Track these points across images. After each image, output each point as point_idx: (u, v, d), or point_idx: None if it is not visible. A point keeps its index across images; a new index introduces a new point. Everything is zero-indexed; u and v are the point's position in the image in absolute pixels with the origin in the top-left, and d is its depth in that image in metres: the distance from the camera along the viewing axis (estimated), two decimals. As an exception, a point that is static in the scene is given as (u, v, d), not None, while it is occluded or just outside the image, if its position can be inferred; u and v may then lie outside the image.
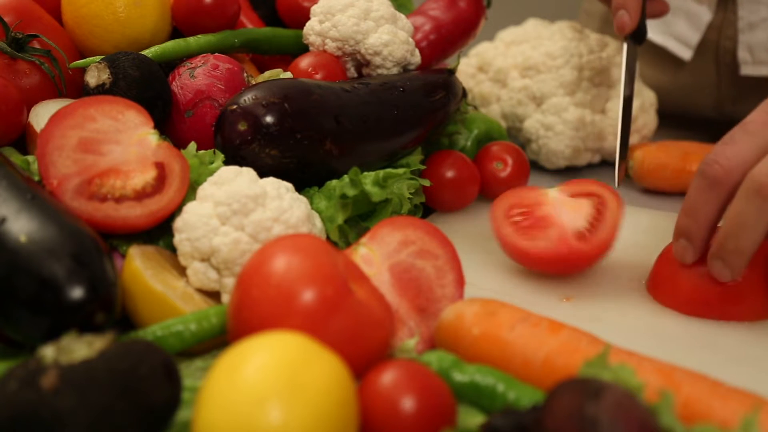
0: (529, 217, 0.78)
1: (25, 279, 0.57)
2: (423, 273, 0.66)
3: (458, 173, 0.90)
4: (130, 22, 0.84)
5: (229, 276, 0.66)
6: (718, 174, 0.67)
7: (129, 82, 0.77)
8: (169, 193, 0.69)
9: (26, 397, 0.47)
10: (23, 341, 0.58)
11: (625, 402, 0.45)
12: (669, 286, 0.73)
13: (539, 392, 0.55)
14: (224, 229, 0.66)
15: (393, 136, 0.84)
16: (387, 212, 0.80)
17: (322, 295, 0.55)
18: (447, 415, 0.52)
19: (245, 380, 0.47)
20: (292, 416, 0.46)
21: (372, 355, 0.56)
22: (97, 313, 0.58)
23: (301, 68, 0.85)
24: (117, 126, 0.72)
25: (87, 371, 0.48)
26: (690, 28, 1.15)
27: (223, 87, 0.80)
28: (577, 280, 0.78)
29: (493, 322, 0.60)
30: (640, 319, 0.72)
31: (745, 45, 1.11)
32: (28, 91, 0.79)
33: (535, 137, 1.05)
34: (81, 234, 0.61)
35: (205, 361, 0.63)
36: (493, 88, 1.09)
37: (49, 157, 0.68)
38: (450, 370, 0.57)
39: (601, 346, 0.58)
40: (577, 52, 1.05)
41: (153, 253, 0.68)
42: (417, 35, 0.95)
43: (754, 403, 0.53)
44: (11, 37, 0.79)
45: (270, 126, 0.74)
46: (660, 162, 0.99)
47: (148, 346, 0.52)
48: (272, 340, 0.50)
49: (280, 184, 0.69)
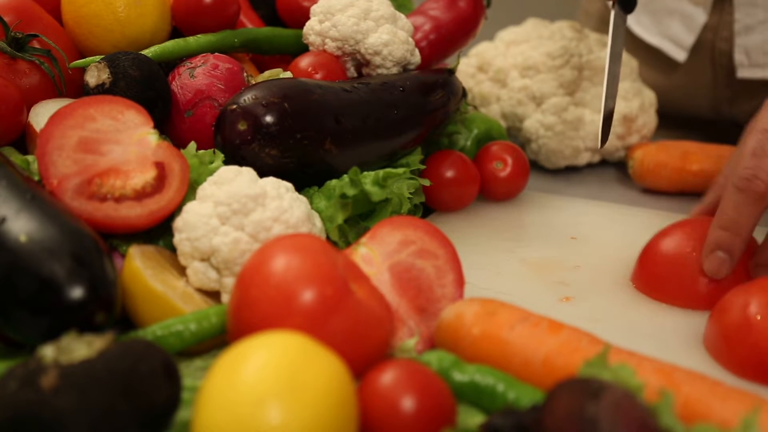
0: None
1: (25, 279, 0.57)
2: (423, 273, 0.66)
3: (458, 173, 0.90)
4: (130, 22, 0.84)
5: (229, 276, 0.66)
6: (761, 190, 0.69)
7: (129, 82, 0.77)
8: (169, 193, 0.69)
9: (26, 397, 0.47)
10: (23, 341, 0.58)
11: (625, 402, 0.45)
12: (661, 281, 0.74)
13: (539, 392, 0.55)
14: (224, 229, 0.66)
15: (393, 136, 0.84)
16: (387, 212, 0.80)
17: (322, 295, 0.55)
18: (447, 415, 0.52)
19: (245, 380, 0.47)
20: (291, 416, 0.46)
21: (372, 355, 0.56)
22: (97, 313, 0.58)
23: (301, 68, 0.85)
24: (117, 126, 0.72)
25: (87, 371, 0.48)
26: (685, 29, 1.15)
27: (223, 87, 0.80)
28: (577, 280, 0.78)
29: (493, 322, 0.60)
30: (640, 318, 0.72)
31: (741, 48, 1.11)
32: (28, 91, 0.79)
33: (535, 137, 1.05)
34: (81, 234, 0.61)
35: (205, 361, 0.63)
36: (493, 88, 1.09)
37: (49, 156, 0.68)
38: (450, 370, 0.57)
39: (601, 346, 0.58)
40: (577, 52, 1.05)
41: (153, 253, 0.68)
42: (417, 35, 0.95)
43: (754, 403, 0.53)
44: (11, 37, 0.79)
45: (270, 126, 0.74)
46: (659, 162, 0.99)
47: (148, 346, 0.52)
48: (272, 340, 0.50)
49: (280, 184, 0.69)
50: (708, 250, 0.71)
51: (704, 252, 0.72)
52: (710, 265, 0.71)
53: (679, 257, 0.73)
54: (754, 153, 0.69)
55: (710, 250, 0.71)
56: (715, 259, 0.71)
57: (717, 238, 0.71)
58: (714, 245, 0.71)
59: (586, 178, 1.07)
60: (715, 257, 0.71)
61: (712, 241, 0.71)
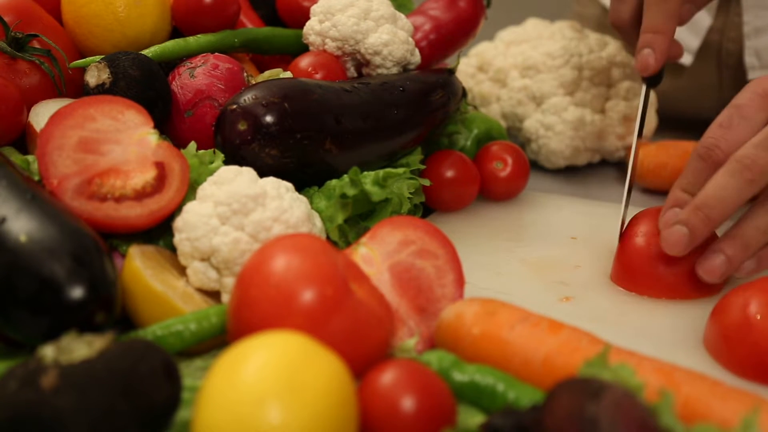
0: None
1: (25, 279, 0.57)
2: (423, 273, 0.66)
3: (458, 173, 0.90)
4: (130, 22, 0.84)
5: (229, 276, 0.66)
6: (720, 158, 0.70)
7: (129, 82, 0.77)
8: (169, 193, 0.69)
9: (26, 397, 0.47)
10: (23, 341, 0.58)
11: (625, 402, 0.45)
12: (636, 274, 0.75)
13: (539, 392, 0.55)
14: (224, 229, 0.66)
15: (393, 136, 0.84)
16: (387, 212, 0.80)
17: (322, 295, 0.55)
18: (447, 415, 0.52)
19: (245, 380, 0.47)
20: (291, 416, 0.46)
21: (372, 355, 0.56)
22: (97, 313, 0.58)
23: (301, 68, 0.85)
24: (117, 126, 0.72)
25: (87, 371, 0.48)
26: (690, 34, 1.15)
27: (223, 87, 0.80)
28: (577, 280, 0.78)
29: (493, 322, 0.60)
30: (640, 318, 0.72)
31: (752, 50, 1.11)
32: (28, 91, 0.79)
33: (535, 137, 1.05)
34: (81, 234, 0.61)
35: (205, 360, 0.63)
36: (493, 88, 1.09)
37: (49, 156, 0.68)
38: (450, 370, 0.57)
39: (601, 346, 0.58)
40: (577, 52, 1.05)
41: (153, 253, 0.68)
42: (417, 35, 0.95)
43: (754, 403, 0.53)
44: (11, 37, 0.79)
45: (270, 126, 0.74)
46: (660, 162, 0.99)
47: (148, 346, 0.52)
48: (272, 339, 0.50)
49: (280, 184, 0.69)
50: (665, 207, 0.72)
51: (662, 211, 0.73)
52: (665, 219, 0.72)
53: (641, 248, 0.75)
54: (721, 124, 0.71)
55: (667, 207, 0.72)
56: (670, 215, 0.71)
57: (674, 196, 0.72)
58: (671, 202, 0.72)
59: (586, 178, 1.07)
60: (671, 212, 0.72)
61: (670, 200, 0.72)
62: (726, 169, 0.68)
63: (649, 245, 0.74)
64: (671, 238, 0.70)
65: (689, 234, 0.69)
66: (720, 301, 0.67)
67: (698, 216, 0.69)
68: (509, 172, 0.94)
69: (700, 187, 0.70)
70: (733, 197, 0.68)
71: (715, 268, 0.70)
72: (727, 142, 0.70)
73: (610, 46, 1.08)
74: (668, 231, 0.70)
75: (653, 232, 0.75)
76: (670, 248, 0.71)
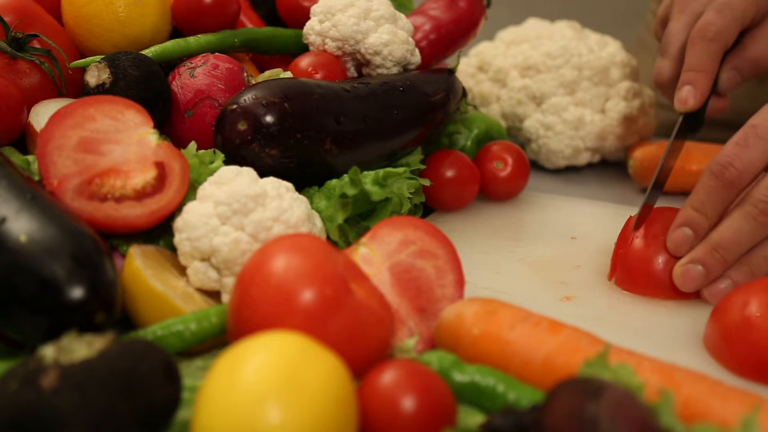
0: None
1: (25, 279, 0.57)
2: (423, 273, 0.66)
3: (458, 173, 0.90)
4: (130, 22, 0.84)
5: (229, 276, 0.66)
6: (734, 178, 0.71)
7: (129, 82, 0.77)
8: (169, 193, 0.69)
9: (26, 397, 0.47)
10: (23, 341, 0.58)
11: (625, 402, 0.45)
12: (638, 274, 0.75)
13: (539, 392, 0.55)
14: (224, 229, 0.66)
15: (393, 136, 0.84)
16: (387, 212, 0.80)
17: (322, 295, 0.55)
18: (447, 415, 0.52)
19: (245, 380, 0.47)
20: (291, 416, 0.46)
21: (372, 355, 0.56)
22: (97, 313, 0.58)
23: (301, 68, 0.85)
24: (117, 126, 0.72)
25: (87, 371, 0.48)
26: None
27: (223, 87, 0.80)
28: (577, 280, 0.78)
29: (493, 321, 0.60)
30: (640, 318, 0.72)
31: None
32: (28, 91, 0.79)
33: (535, 137, 1.05)
34: (81, 234, 0.61)
35: (205, 360, 0.63)
36: (493, 88, 1.09)
37: (49, 156, 0.68)
38: (450, 370, 0.57)
39: (601, 346, 0.58)
40: (577, 52, 1.05)
41: (153, 253, 0.68)
42: (417, 35, 0.95)
43: (754, 403, 0.53)
44: (11, 37, 0.79)
45: (270, 126, 0.74)
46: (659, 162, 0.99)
47: (148, 346, 0.52)
48: (272, 340, 0.50)
49: (280, 184, 0.69)
50: (675, 226, 0.73)
51: (671, 228, 0.74)
52: (673, 239, 0.73)
53: (641, 248, 0.76)
54: (736, 143, 0.72)
55: (677, 226, 0.73)
56: (680, 235, 0.73)
57: (686, 215, 0.73)
58: (681, 221, 0.73)
59: (586, 178, 1.07)
60: (680, 233, 0.73)
61: (681, 218, 0.73)
62: (742, 212, 0.70)
63: (649, 246, 0.75)
64: (687, 276, 0.72)
65: (705, 273, 0.72)
66: (720, 301, 0.67)
67: (714, 257, 0.71)
68: (509, 172, 0.94)
69: (711, 207, 0.72)
70: (748, 240, 0.71)
71: (720, 292, 0.72)
72: (741, 162, 0.70)
73: (610, 46, 1.08)
74: (684, 268, 0.72)
75: (653, 233, 0.75)
76: (684, 285, 0.73)
